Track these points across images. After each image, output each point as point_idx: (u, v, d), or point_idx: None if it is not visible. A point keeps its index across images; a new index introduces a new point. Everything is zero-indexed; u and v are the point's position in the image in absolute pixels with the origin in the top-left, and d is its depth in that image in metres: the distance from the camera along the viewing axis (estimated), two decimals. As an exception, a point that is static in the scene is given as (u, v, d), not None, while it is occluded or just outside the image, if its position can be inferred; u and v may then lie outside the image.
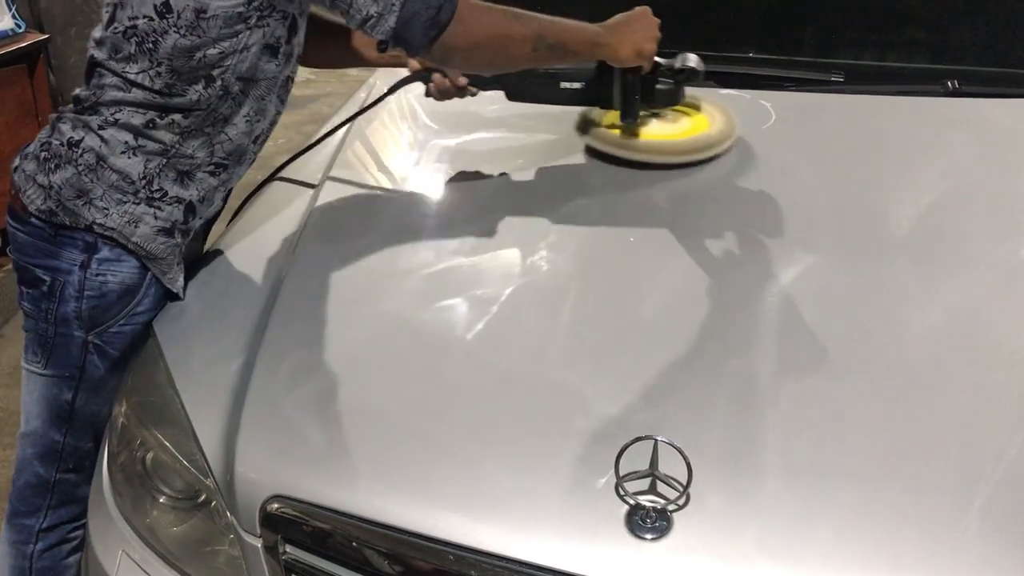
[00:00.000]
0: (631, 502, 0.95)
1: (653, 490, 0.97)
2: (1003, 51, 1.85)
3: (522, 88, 1.55)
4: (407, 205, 1.54)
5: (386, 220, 1.50)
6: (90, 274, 1.30)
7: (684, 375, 1.11)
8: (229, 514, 1.10)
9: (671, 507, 0.95)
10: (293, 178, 1.66)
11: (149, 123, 1.27)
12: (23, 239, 1.32)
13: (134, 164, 1.28)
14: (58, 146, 1.29)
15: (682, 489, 0.95)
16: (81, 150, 1.28)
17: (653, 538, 0.93)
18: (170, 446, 1.17)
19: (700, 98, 1.63)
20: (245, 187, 1.63)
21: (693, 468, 0.95)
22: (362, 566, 1.03)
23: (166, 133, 1.28)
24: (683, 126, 1.59)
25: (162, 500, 1.19)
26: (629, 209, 1.47)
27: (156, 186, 1.30)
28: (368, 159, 1.69)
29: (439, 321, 1.24)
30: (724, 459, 1.00)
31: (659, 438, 0.98)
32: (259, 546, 1.08)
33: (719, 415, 1.05)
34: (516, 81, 1.52)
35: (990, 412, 1.05)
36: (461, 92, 1.58)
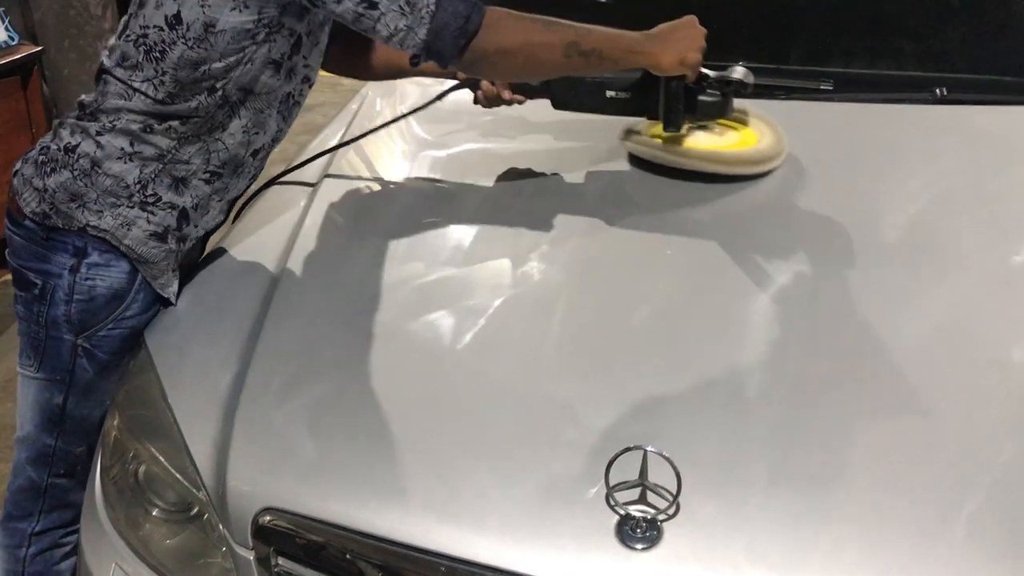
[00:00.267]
0: (621, 512, 0.96)
1: (643, 500, 0.97)
2: (991, 58, 1.86)
3: (568, 97, 1.55)
4: (403, 214, 1.54)
5: (380, 229, 1.50)
6: (79, 278, 1.31)
7: (674, 385, 1.11)
8: (221, 527, 1.10)
9: (661, 517, 0.95)
10: (290, 180, 1.66)
11: (146, 128, 1.29)
12: (18, 242, 1.34)
13: (129, 169, 1.30)
14: (55, 151, 1.31)
15: (672, 499, 0.96)
16: (77, 155, 1.29)
17: (643, 548, 0.94)
18: (162, 459, 1.17)
19: (749, 113, 1.61)
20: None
21: (683, 478, 0.96)
22: (354, 578, 1.03)
23: (163, 138, 1.30)
24: (728, 139, 1.57)
25: (155, 513, 1.19)
26: (633, 219, 1.47)
27: (150, 191, 1.31)
28: (370, 166, 1.69)
29: (430, 332, 1.25)
30: (713, 469, 1.00)
31: (648, 448, 0.98)
32: (251, 559, 1.08)
33: (709, 425, 1.05)
34: (562, 89, 1.51)
35: (980, 420, 1.05)
36: (508, 100, 1.61)
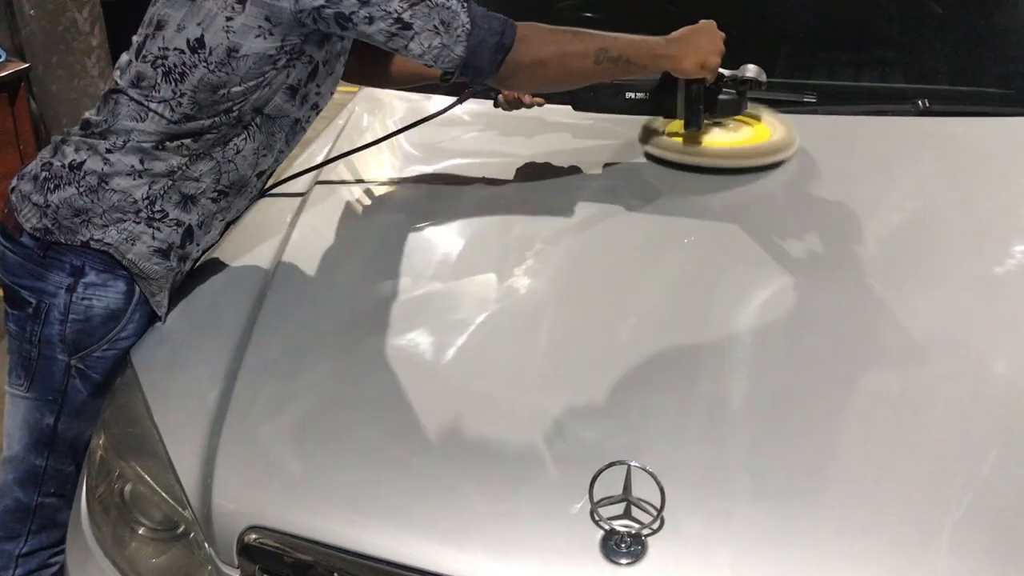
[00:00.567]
0: (606, 527, 0.96)
1: (628, 515, 0.97)
2: (972, 71, 1.88)
3: (588, 98, 1.59)
4: (391, 228, 1.53)
5: (368, 244, 1.50)
6: (76, 297, 1.30)
7: (657, 399, 1.11)
8: (207, 545, 1.10)
9: (645, 531, 0.95)
10: (278, 193, 1.66)
11: (158, 146, 1.29)
12: (12, 259, 1.33)
13: (138, 186, 1.30)
14: (59, 167, 1.31)
15: (656, 513, 0.96)
16: (83, 172, 1.29)
17: (628, 563, 0.94)
18: (148, 478, 1.17)
19: (761, 110, 1.68)
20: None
21: (666, 492, 0.96)
22: (340, 596, 1.03)
23: (174, 156, 1.30)
24: (744, 134, 1.64)
25: (141, 532, 1.19)
26: (619, 228, 1.48)
27: (158, 207, 1.32)
28: (358, 180, 1.69)
29: (416, 347, 1.25)
30: (697, 483, 1.00)
31: (632, 463, 0.99)
32: (237, 577, 1.08)
33: (693, 439, 1.06)
34: (582, 91, 1.55)
35: (962, 434, 1.05)
36: (529, 103, 1.67)
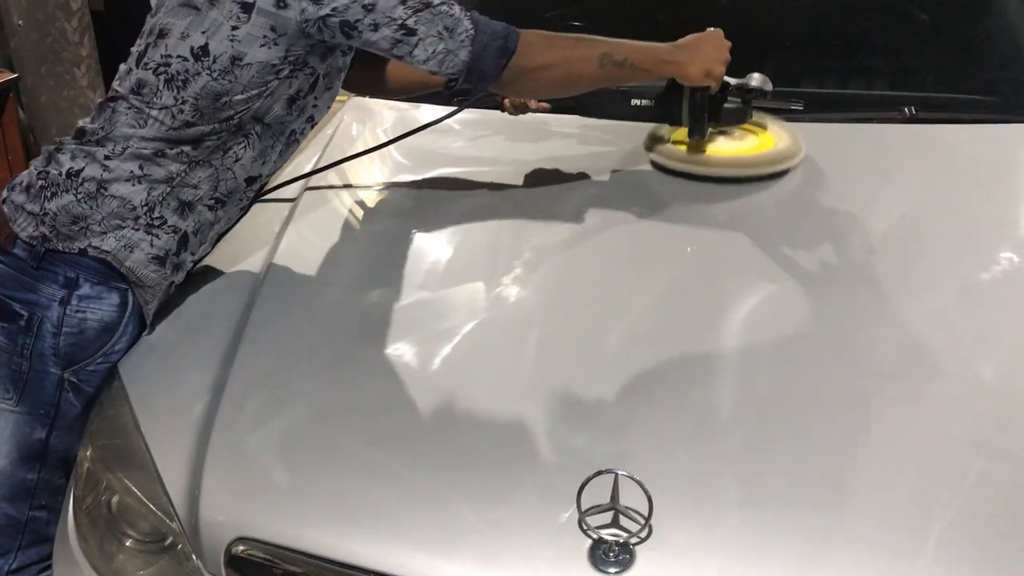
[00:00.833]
0: (594, 536, 0.96)
1: (615, 523, 0.97)
2: (958, 78, 1.89)
3: (593, 103, 1.60)
4: (378, 237, 1.53)
5: (356, 253, 1.50)
6: (70, 310, 1.30)
7: (644, 407, 1.11)
8: (195, 557, 1.10)
9: (633, 540, 0.95)
10: (268, 200, 1.66)
11: (158, 152, 1.29)
12: (3, 271, 1.32)
13: (137, 192, 1.30)
14: (56, 175, 1.30)
15: (644, 522, 0.96)
16: (82, 179, 1.29)
17: (616, 572, 0.94)
18: (135, 489, 1.16)
19: (768, 119, 1.68)
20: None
21: (654, 501, 0.96)
22: (328, 607, 1.03)
23: (173, 163, 1.30)
24: (749, 143, 1.64)
25: (128, 544, 1.18)
26: (608, 236, 1.48)
27: (157, 213, 1.32)
28: (347, 188, 1.69)
29: (404, 357, 1.24)
30: (685, 491, 1.00)
31: (620, 472, 0.99)
32: (225, 589, 1.07)
33: (680, 447, 1.06)
34: (588, 96, 1.55)
35: (949, 441, 1.06)
36: (535, 108, 1.69)
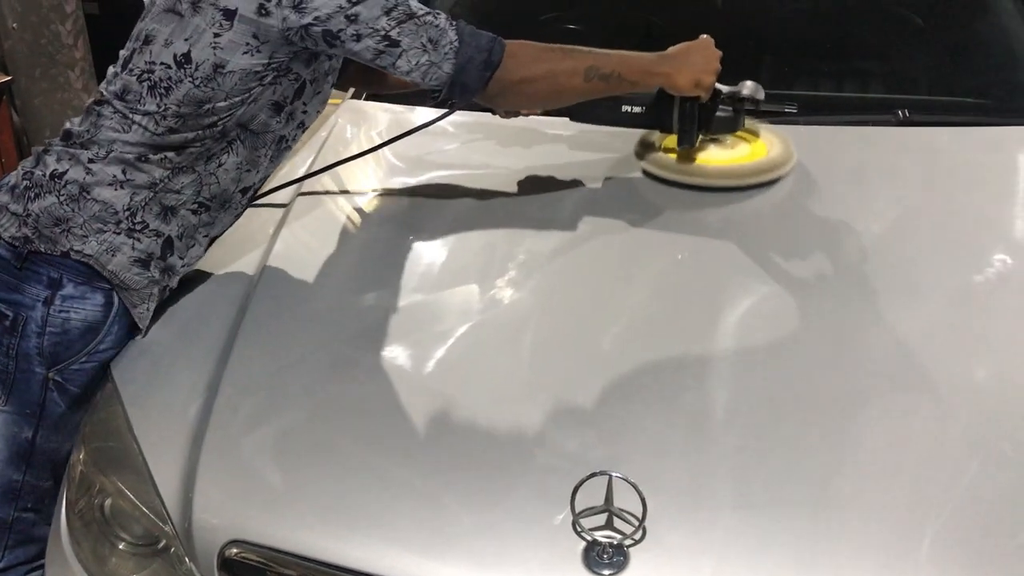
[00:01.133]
0: (588, 538, 0.96)
1: (609, 525, 0.97)
2: (951, 81, 1.90)
3: (585, 109, 1.60)
4: (373, 240, 1.53)
5: (350, 256, 1.49)
6: (53, 310, 1.29)
7: (638, 409, 1.11)
8: (188, 560, 1.09)
9: (627, 542, 0.95)
10: (261, 204, 1.66)
11: (141, 157, 1.29)
12: None
13: (120, 196, 1.30)
14: (40, 176, 1.31)
15: (638, 524, 0.96)
16: (64, 181, 1.29)
17: (610, 574, 0.94)
18: (128, 492, 1.16)
19: (760, 126, 1.68)
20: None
21: (648, 502, 0.96)
22: (322, 610, 1.02)
23: (157, 168, 1.30)
24: (741, 151, 1.63)
25: (121, 547, 1.18)
26: (604, 239, 1.48)
27: (139, 218, 1.32)
28: (341, 192, 1.68)
29: (398, 359, 1.24)
30: (679, 493, 1.00)
31: (613, 474, 0.99)
32: (218, 592, 1.07)
33: (674, 448, 1.06)
34: (579, 104, 1.55)
35: (943, 441, 1.06)
36: (527, 113, 1.68)
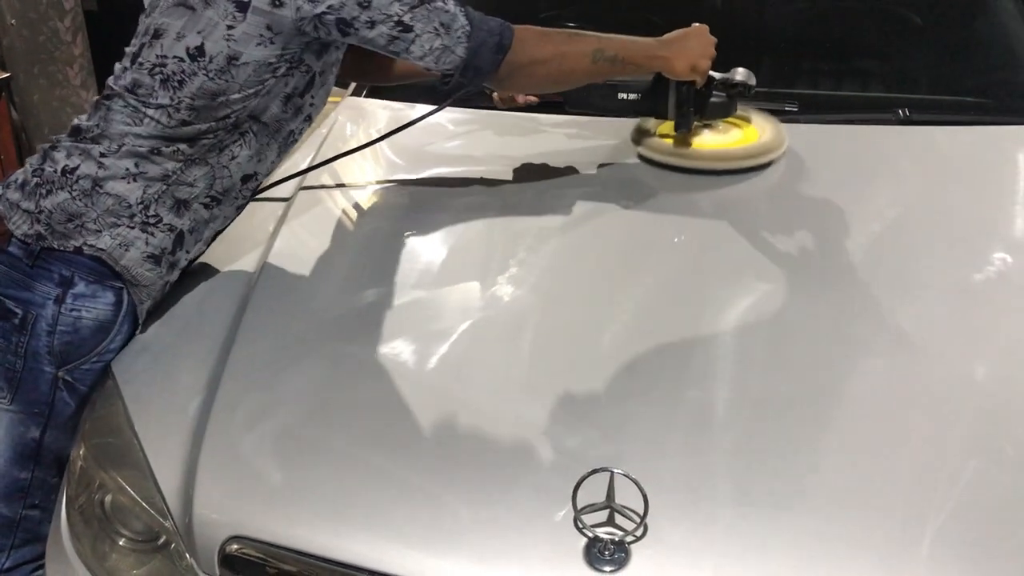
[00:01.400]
0: (589, 534, 0.96)
1: (611, 522, 0.97)
2: (951, 80, 1.90)
3: (581, 98, 1.61)
4: (373, 236, 1.53)
5: (351, 252, 1.49)
6: (64, 309, 1.29)
7: (640, 405, 1.11)
8: (189, 556, 1.09)
9: (629, 539, 0.95)
10: (262, 198, 1.65)
11: (153, 150, 1.29)
12: None
13: (133, 189, 1.30)
14: (51, 173, 1.30)
15: (639, 520, 0.96)
16: (76, 177, 1.29)
17: (612, 570, 0.94)
18: (129, 488, 1.16)
19: (751, 112, 1.71)
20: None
21: (649, 499, 0.96)
22: (323, 606, 1.02)
23: (169, 160, 1.31)
24: (733, 136, 1.67)
25: (122, 543, 1.18)
26: (602, 231, 1.49)
27: (152, 211, 1.32)
28: (341, 187, 1.68)
29: (399, 355, 1.24)
30: (681, 490, 1.00)
31: (615, 470, 0.99)
32: (219, 588, 1.07)
33: (676, 445, 1.06)
34: (575, 91, 1.57)
35: (943, 440, 1.06)
36: (523, 101, 1.73)
